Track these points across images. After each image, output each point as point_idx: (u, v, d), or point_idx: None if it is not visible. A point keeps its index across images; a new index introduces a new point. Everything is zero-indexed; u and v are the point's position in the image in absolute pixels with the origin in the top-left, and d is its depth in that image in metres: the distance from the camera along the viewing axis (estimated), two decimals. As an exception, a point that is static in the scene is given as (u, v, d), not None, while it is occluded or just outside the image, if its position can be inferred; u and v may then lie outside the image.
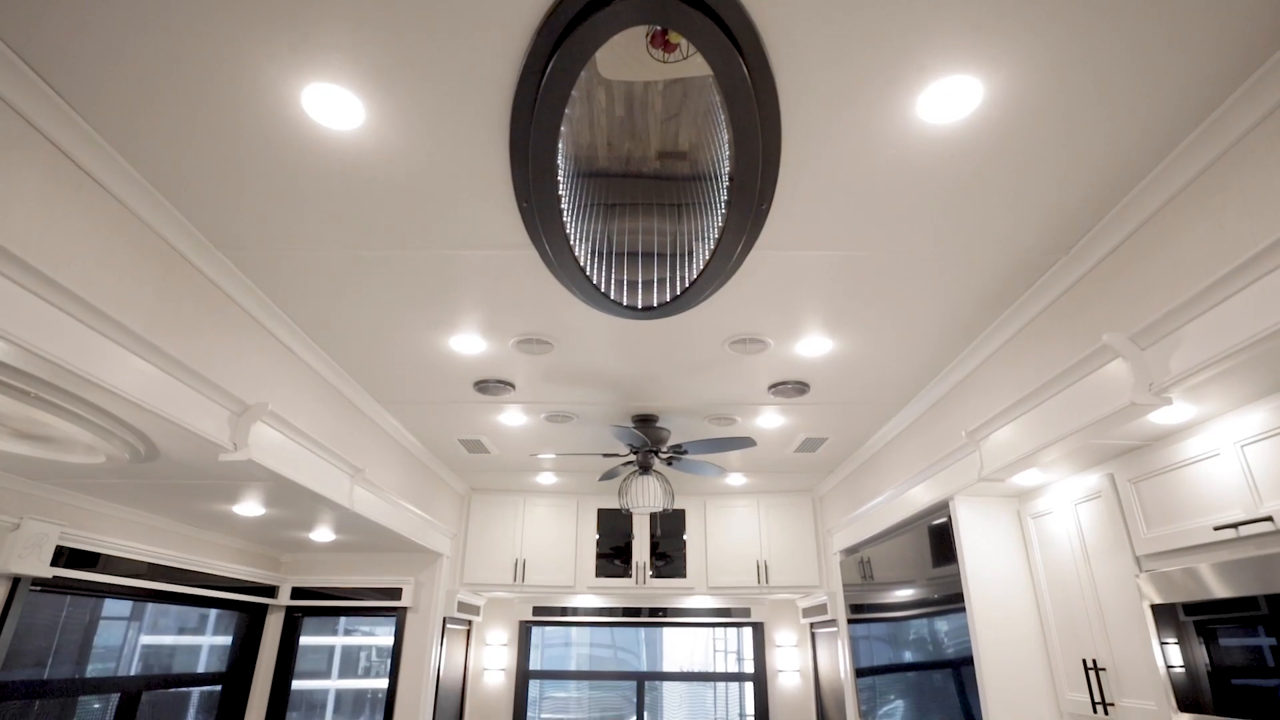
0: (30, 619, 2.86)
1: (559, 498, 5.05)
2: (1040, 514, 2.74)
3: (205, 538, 3.79)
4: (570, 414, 3.42)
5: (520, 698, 5.36)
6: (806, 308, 2.42)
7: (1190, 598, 1.93)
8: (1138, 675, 2.22)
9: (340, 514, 3.25)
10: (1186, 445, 2.02)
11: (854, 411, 3.41)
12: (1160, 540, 2.11)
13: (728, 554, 4.92)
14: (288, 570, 4.56)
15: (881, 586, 3.77)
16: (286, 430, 2.52)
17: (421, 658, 4.34)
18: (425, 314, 2.48)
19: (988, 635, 2.74)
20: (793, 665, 5.36)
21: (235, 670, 4.22)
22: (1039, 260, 2.16)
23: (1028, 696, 2.66)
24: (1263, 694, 1.72)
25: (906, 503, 3.39)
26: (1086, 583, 2.46)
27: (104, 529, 3.11)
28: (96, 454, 2.26)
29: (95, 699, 3.25)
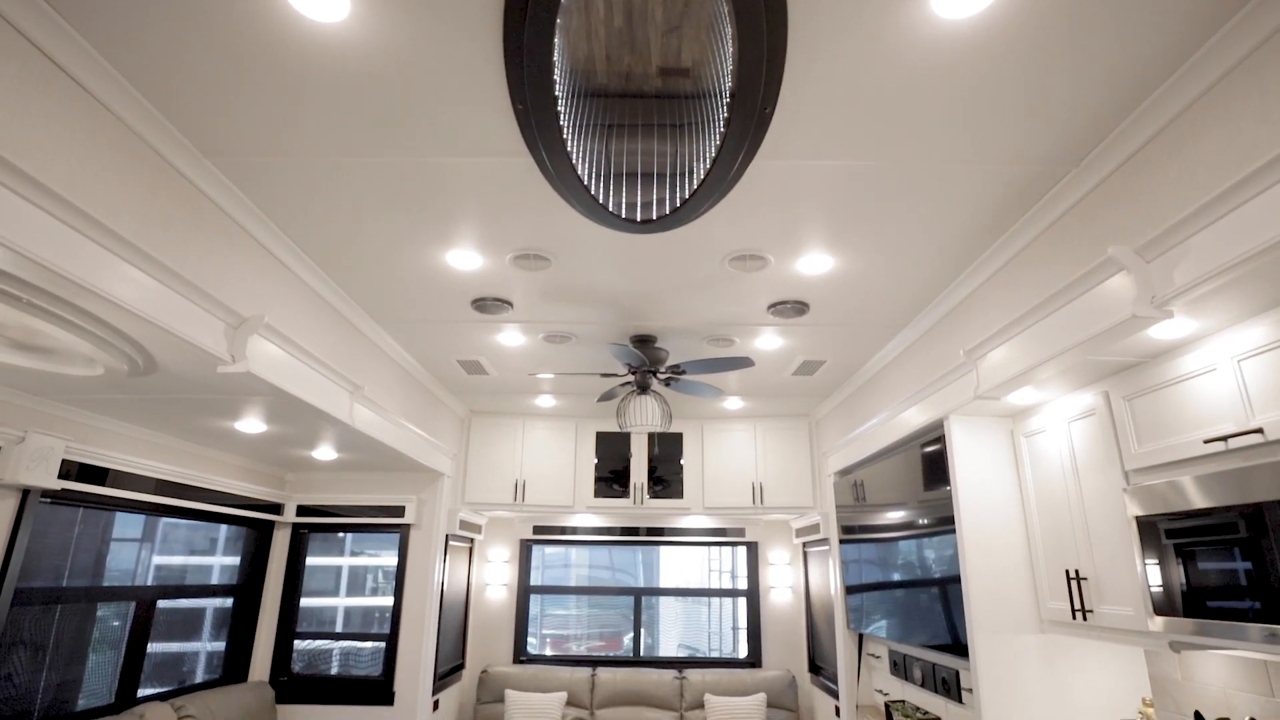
0: (44, 535, 2.93)
1: (558, 420, 5.11)
2: (1033, 433, 2.77)
3: (210, 455, 3.85)
4: (568, 334, 3.41)
5: (522, 612, 5.57)
6: (808, 222, 2.37)
7: (1171, 509, 1.98)
8: (1117, 584, 2.29)
9: (341, 431, 3.28)
10: (1183, 361, 2.03)
11: (853, 334, 3.41)
12: (1150, 455, 2.14)
13: (724, 476, 5.02)
14: (292, 489, 4.65)
15: (873, 508, 3.86)
16: (284, 344, 2.52)
17: (425, 574, 4.48)
18: (420, 227, 2.43)
19: (976, 553, 2.82)
20: (785, 582, 5.55)
21: (246, 586, 4.37)
22: (1049, 172, 2.10)
23: (1011, 607, 2.76)
24: (1233, 597, 1.78)
25: (901, 424, 3.43)
26: (1074, 498, 2.51)
27: (110, 444, 3.15)
28: (95, 366, 2.26)
29: (114, 617, 3.38)
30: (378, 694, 4.29)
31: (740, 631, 5.65)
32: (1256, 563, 1.72)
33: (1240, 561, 1.77)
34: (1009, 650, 2.71)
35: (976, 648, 2.71)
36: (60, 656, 3.05)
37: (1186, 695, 2.49)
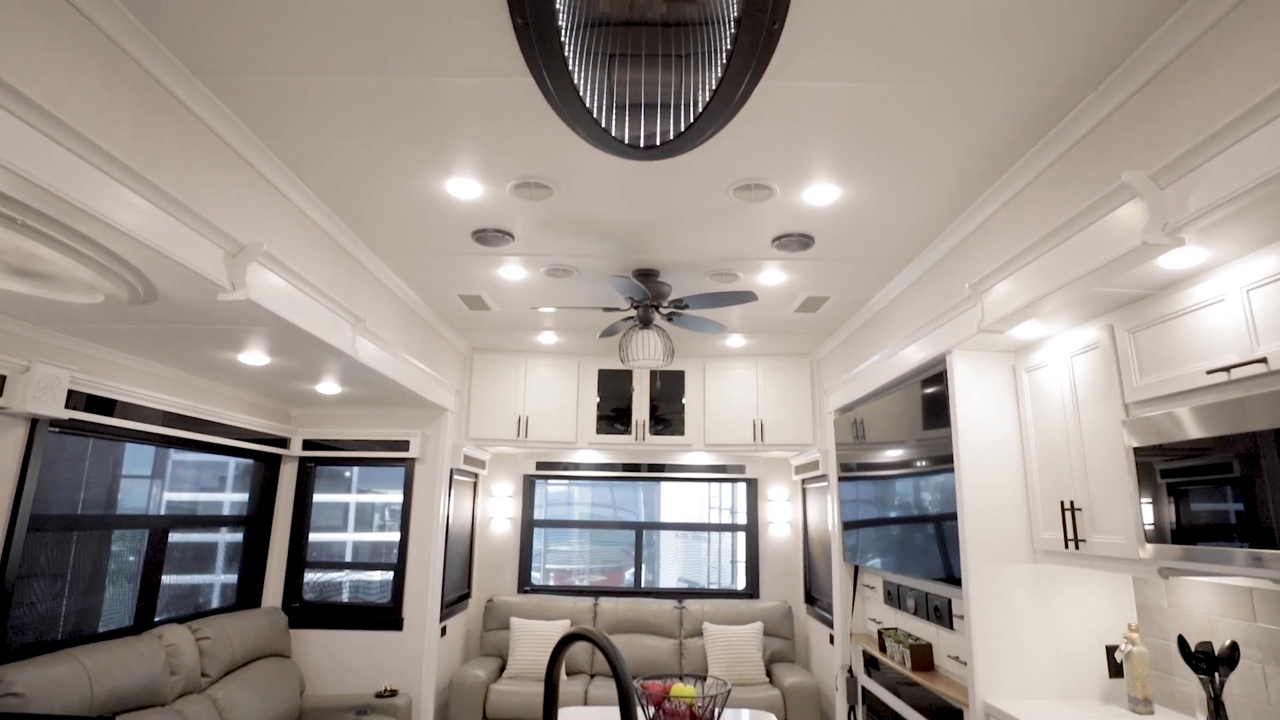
0: (56, 467, 2.98)
1: (560, 358, 5.13)
2: (1035, 367, 2.77)
3: (216, 389, 3.88)
4: (570, 268, 3.38)
5: (526, 545, 5.71)
6: (816, 148, 2.32)
7: (1168, 440, 1.99)
8: (1111, 515, 2.33)
9: (344, 364, 3.29)
10: (1190, 293, 2.01)
11: (857, 269, 3.37)
12: (1150, 388, 2.14)
13: (725, 414, 5.06)
14: (298, 423, 4.70)
15: (872, 446, 3.90)
16: (284, 273, 2.50)
17: (430, 507, 4.57)
18: (419, 152, 2.38)
19: (973, 485, 2.85)
20: (783, 518, 5.66)
21: (256, 518, 4.47)
22: (1065, 97, 2.04)
23: (1005, 538, 2.82)
24: (1221, 524, 1.80)
25: (903, 360, 3.43)
26: (1073, 432, 2.53)
27: (116, 376, 3.17)
28: (95, 293, 2.25)
29: (129, 552, 3.46)
30: (387, 620, 4.44)
31: (739, 565, 5.80)
32: (1246, 491, 1.74)
33: (1230, 490, 1.79)
34: (1001, 579, 2.78)
35: (969, 576, 2.78)
36: (79, 585, 3.15)
37: (1171, 621, 2.57)
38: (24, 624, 2.85)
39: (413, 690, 4.35)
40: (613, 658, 1.16)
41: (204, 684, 3.49)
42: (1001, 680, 2.71)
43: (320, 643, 4.45)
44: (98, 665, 2.83)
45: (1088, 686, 2.73)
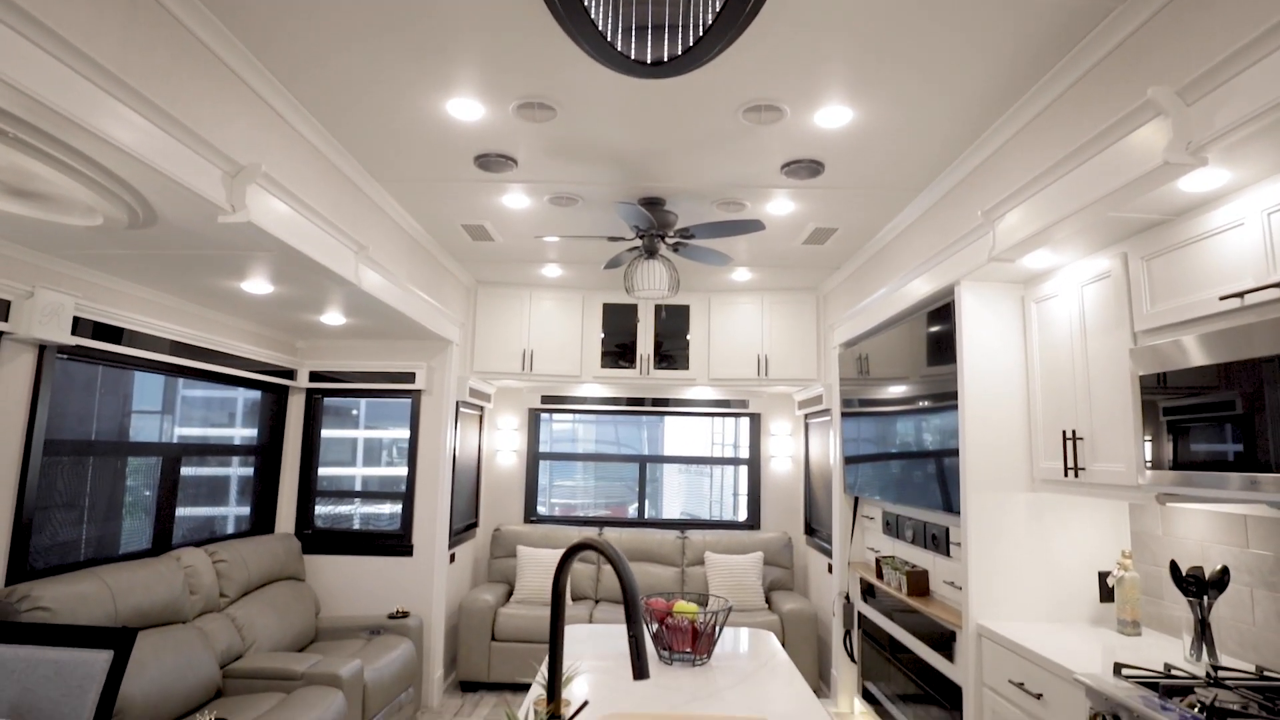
0: (67, 396, 3.01)
1: (565, 291, 5.10)
2: (1044, 298, 2.75)
3: (222, 320, 3.88)
4: (575, 195, 3.32)
5: (531, 477, 5.81)
6: (829, 66, 2.23)
7: (1173, 367, 1.98)
8: (1112, 443, 2.35)
9: (348, 293, 3.28)
10: (1208, 218, 1.96)
11: (867, 197, 3.31)
12: (1161, 315, 2.12)
13: (730, 348, 5.06)
14: (304, 355, 4.72)
15: (876, 382, 3.90)
16: (285, 197, 2.46)
17: (437, 438, 4.63)
18: (418, 67, 2.30)
19: (976, 415, 2.87)
20: (785, 452, 5.74)
21: (266, 450, 4.54)
22: (1093, 6, 1.94)
23: (1005, 467, 2.85)
24: (1220, 449, 1.81)
25: (910, 293, 3.40)
26: (1079, 361, 2.52)
27: (122, 304, 3.17)
28: (94, 215, 2.22)
29: (144, 486, 3.53)
30: (397, 547, 4.57)
31: (740, 498, 5.91)
32: (1245, 417, 1.74)
33: (1230, 416, 1.79)
34: (999, 506, 2.83)
35: (968, 504, 2.82)
36: (97, 511, 3.22)
37: (1164, 549, 2.62)
38: (47, 547, 2.93)
39: (424, 613, 4.51)
40: (618, 564, 1.19)
41: (223, 604, 3.62)
42: (995, 603, 2.79)
43: (333, 567, 4.58)
44: (120, 583, 2.93)
45: (1078, 610, 2.81)
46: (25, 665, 2.12)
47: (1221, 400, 1.83)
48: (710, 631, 2.12)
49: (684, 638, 2.10)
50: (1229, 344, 1.81)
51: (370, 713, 3.59)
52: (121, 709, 2.67)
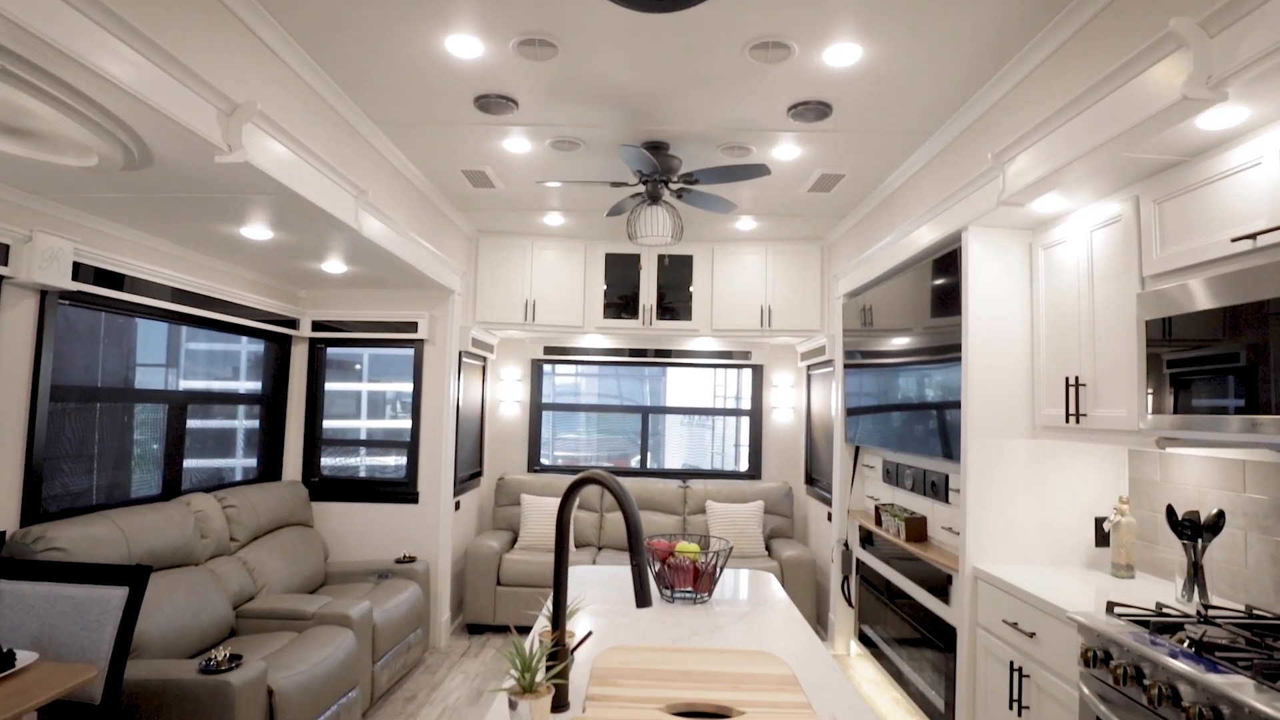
0: (72, 344, 3.01)
1: (567, 241, 5.05)
2: (1052, 244, 2.72)
3: (224, 268, 3.86)
4: (577, 139, 3.26)
5: (534, 427, 5.86)
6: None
7: (1179, 311, 1.97)
8: (1114, 388, 2.35)
9: (348, 239, 3.25)
10: (1224, 158, 1.92)
11: (875, 142, 3.24)
12: (1170, 259, 2.10)
13: (733, 299, 5.04)
14: (306, 304, 4.71)
15: (880, 333, 3.89)
16: (282, 138, 2.42)
17: (440, 387, 4.65)
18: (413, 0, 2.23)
19: (979, 363, 2.86)
20: (787, 403, 5.76)
21: (272, 401, 4.57)
22: (1115, -63, 1.87)
23: (1006, 414, 2.86)
24: (1221, 391, 1.81)
25: (916, 241, 3.36)
26: (1085, 308, 2.51)
27: (121, 250, 3.15)
28: (89, 155, 2.19)
29: (152, 438, 3.55)
30: (403, 494, 4.63)
31: (742, 449, 5.97)
32: (1249, 360, 1.73)
33: (1234, 359, 1.78)
34: (999, 453, 2.85)
35: (968, 450, 2.84)
36: (106, 458, 3.26)
37: (1162, 495, 2.64)
38: (59, 493, 2.98)
39: (430, 558, 4.60)
40: (620, 496, 1.20)
41: (233, 547, 3.69)
42: (991, 548, 2.83)
43: (340, 514, 4.66)
44: (132, 526, 2.99)
45: (1074, 555, 2.85)
46: (44, 601, 2.18)
47: (1225, 344, 1.82)
48: (711, 571, 2.16)
49: (685, 576, 2.14)
50: (1236, 287, 1.79)
51: (380, 652, 3.69)
52: (139, 645, 2.75)
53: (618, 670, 1.58)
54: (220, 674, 2.50)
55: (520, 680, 1.25)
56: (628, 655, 1.68)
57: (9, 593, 2.21)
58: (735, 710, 1.39)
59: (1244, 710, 1.48)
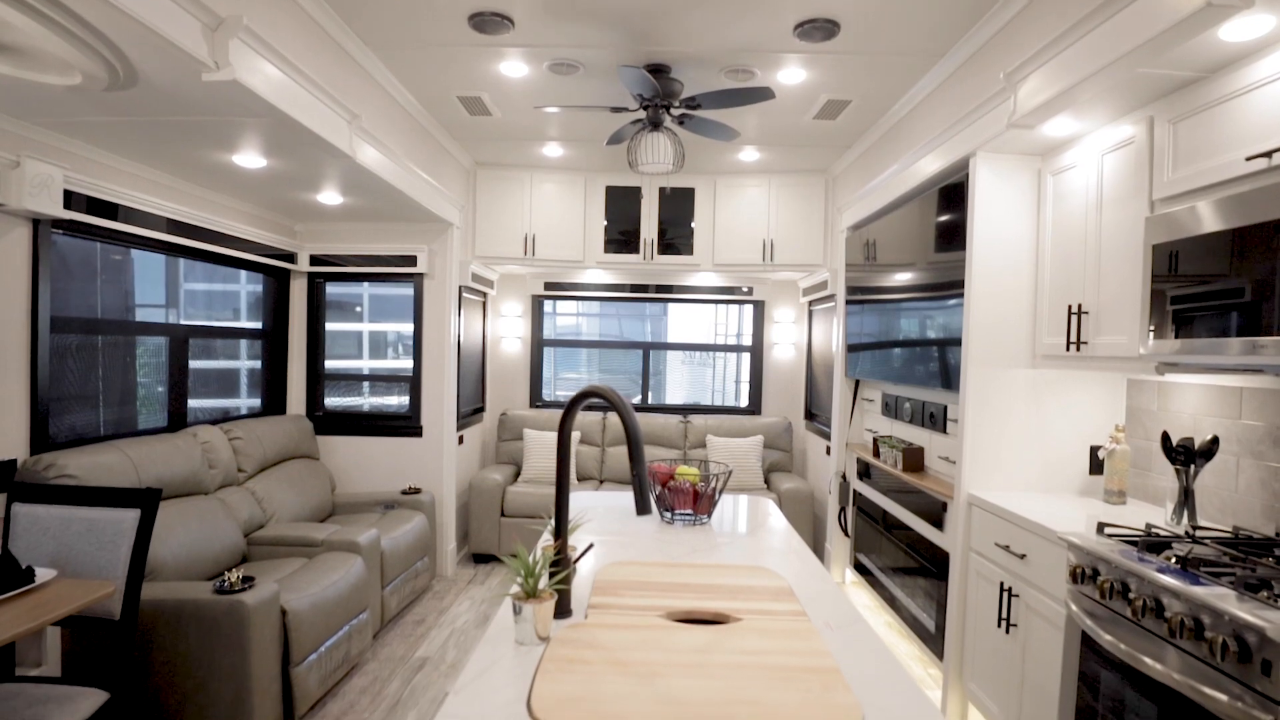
0: (69, 277, 2.99)
1: (566, 174, 4.96)
2: (1062, 169, 2.66)
3: (219, 200, 3.81)
4: (575, 62, 3.16)
5: (536, 363, 5.88)
6: (850, -93, 2.05)
7: (1187, 234, 1.94)
8: (1117, 315, 2.34)
9: (344, 168, 3.19)
10: (1244, 73, 1.86)
11: (884, 65, 3.14)
12: (1182, 181, 2.06)
13: (735, 233, 4.98)
14: (303, 238, 4.66)
15: (883, 269, 3.85)
16: (271, 57, 2.34)
17: (441, 321, 4.65)
18: (404, -89, 2.12)
19: (982, 292, 2.84)
20: (788, 339, 5.77)
21: (273, 335, 4.57)
22: None
23: (1007, 344, 2.85)
24: (1224, 314, 1.80)
25: (923, 169, 3.29)
26: (1092, 234, 2.47)
27: (113, 179, 3.09)
28: (72, 73, 2.12)
29: (154, 364, 3.56)
30: (407, 428, 4.69)
31: (742, 385, 6.00)
32: (1252, 282, 1.72)
33: (1238, 282, 1.77)
34: (998, 383, 2.86)
35: (968, 380, 2.86)
36: (111, 391, 3.28)
37: (1158, 423, 2.67)
38: (66, 425, 3.01)
39: (435, 489, 4.69)
40: (621, 408, 1.21)
41: (241, 478, 3.76)
42: (987, 475, 2.87)
43: (345, 448, 4.73)
44: (140, 456, 3.03)
45: (1067, 483, 2.90)
46: (59, 523, 2.23)
47: (1230, 267, 1.80)
48: (711, 494, 2.20)
49: (685, 499, 2.19)
50: (1245, 208, 1.76)
51: (389, 578, 3.80)
52: (154, 569, 2.83)
53: (619, 583, 1.63)
54: (234, 594, 2.58)
55: (524, 585, 1.29)
56: (629, 569, 1.73)
57: (24, 516, 2.26)
58: (732, 617, 1.44)
59: (1224, 618, 1.52)
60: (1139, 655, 1.74)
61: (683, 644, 1.28)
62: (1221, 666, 1.53)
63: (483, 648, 1.26)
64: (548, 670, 1.17)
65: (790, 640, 1.32)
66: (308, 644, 2.86)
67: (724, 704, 1.07)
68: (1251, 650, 1.46)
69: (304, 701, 2.82)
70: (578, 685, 1.12)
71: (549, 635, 1.31)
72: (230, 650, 2.55)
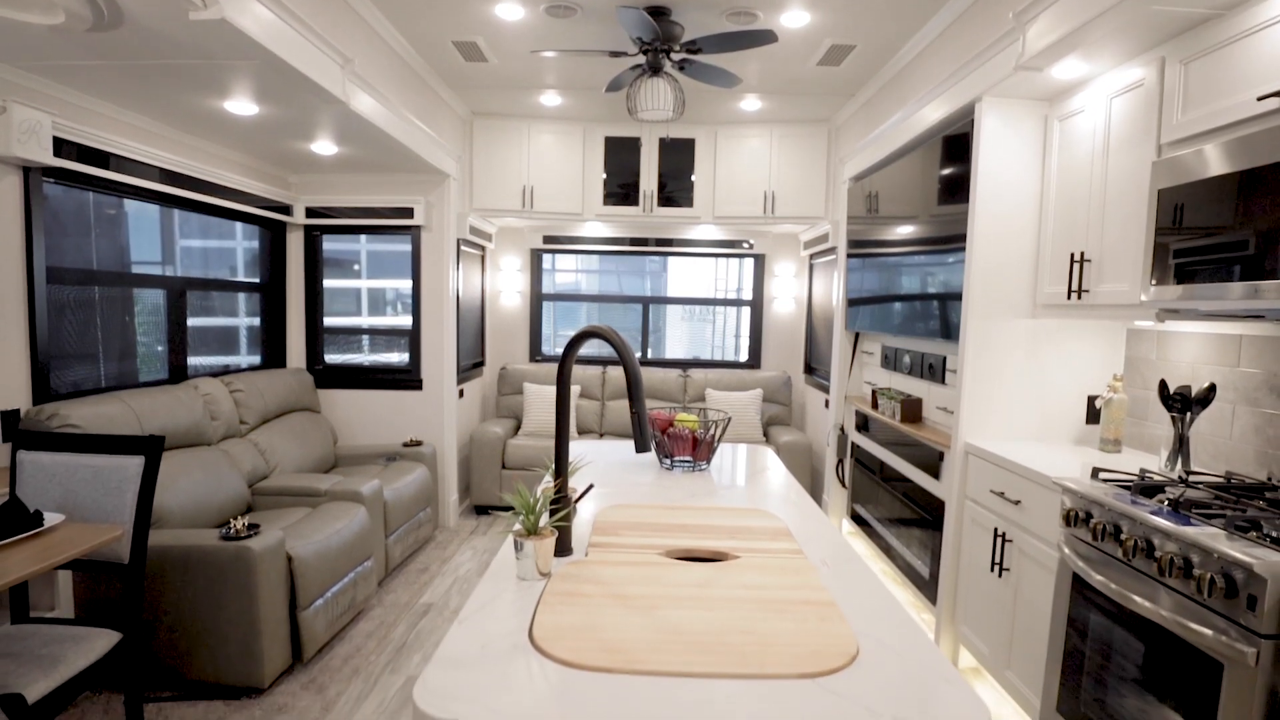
0: (62, 241, 2.95)
1: (565, 124, 4.87)
2: (1069, 114, 2.61)
3: (213, 150, 3.75)
4: (572, 4, 3.06)
5: (535, 318, 5.87)
6: None
7: (1192, 178, 1.91)
8: (1119, 262, 2.32)
9: (338, 115, 3.13)
10: (1260, 8, 1.81)
11: (890, 6, 3.05)
12: (1192, 123, 2.02)
13: (735, 185, 4.91)
14: (299, 190, 4.60)
15: (885, 221, 3.81)
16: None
17: (440, 275, 4.62)
18: None
19: (985, 239, 2.82)
20: (789, 293, 5.75)
21: (270, 289, 4.54)
22: None
23: (1008, 294, 2.84)
24: (1227, 258, 1.79)
25: (927, 117, 3.23)
26: (1098, 180, 2.44)
27: (103, 127, 3.04)
28: (55, 10, 2.07)
29: (153, 315, 3.54)
30: (407, 381, 4.70)
31: (742, 339, 6.00)
32: (1256, 226, 1.70)
33: (1242, 226, 1.75)
34: (998, 333, 2.86)
35: (968, 330, 2.85)
36: (111, 343, 3.27)
37: (1156, 372, 2.67)
38: (67, 376, 3.01)
39: (436, 441, 4.73)
40: (620, 347, 1.21)
41: (244, 430, 3.78)
42: (984, 425, 2.90)
43: (346, 401, 4.75)
44: (143, 407, 3.05)
45: (1064, 432, 2.92)
46: (64, 470, 2.25)
47: (1235, 211, 1.78)
48: (710, 440, 2.22)
49: (685, 445, 2.20)
50: (1251, 149, 1.73)
51: (392, 527, 3.86)
52: (160, 517, 2.87)
53: (619, 524, 1.65)
54: (241, 540, 2.63)
55: (525, 523, 1.30)
56: (628, 511, 1.75)
57: (30, 463, 2.28)
58: (731, 555, 1.46)
59: (1213, 556, 1.55)
60: (1129, 594, 1.78)
61: (682, 579, 1.31)
62: (1208, 603, 1.57)
63: (485, 583, 1.29)
64: (549, 602, 1.19)
65: (787, 576, 1.34)
66: (314, 589, 2.92)
67: (722, 633, 1.10)
68: (1238, 586, 1.49)
69: (312, 644, 2.90)
70: (579, 616, 1.14)
71: (550, 571, 1.33)
72: (238, 595, 2.61)
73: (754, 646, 1.05)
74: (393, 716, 2.57)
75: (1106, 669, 1.91)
